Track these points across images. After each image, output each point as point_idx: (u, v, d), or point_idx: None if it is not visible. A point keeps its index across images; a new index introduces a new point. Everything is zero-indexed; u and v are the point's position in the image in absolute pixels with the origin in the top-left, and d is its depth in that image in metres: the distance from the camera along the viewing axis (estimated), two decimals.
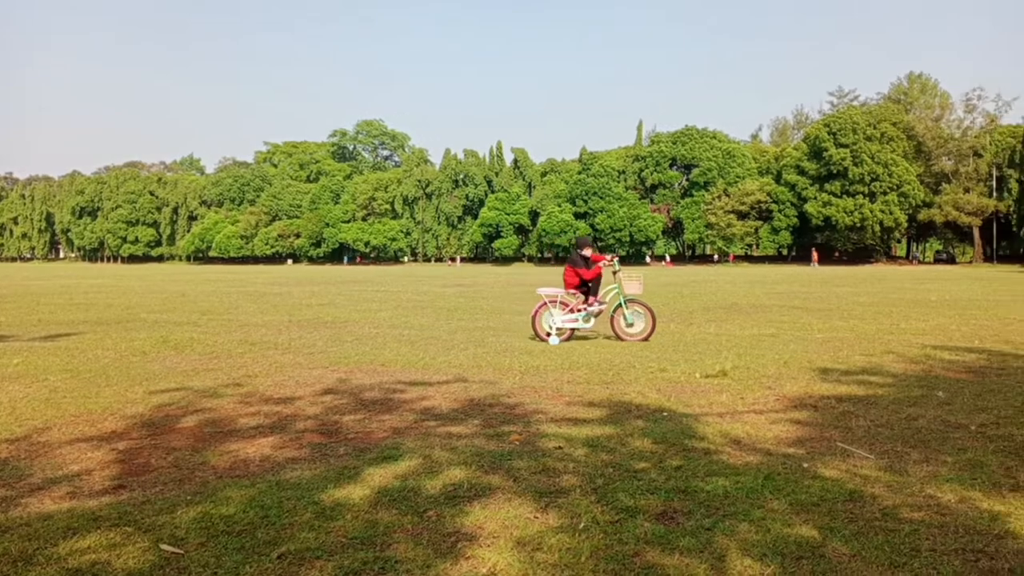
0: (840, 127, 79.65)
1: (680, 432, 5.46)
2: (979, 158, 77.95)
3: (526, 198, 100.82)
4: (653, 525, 3.60)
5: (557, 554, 3.27)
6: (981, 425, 5.63)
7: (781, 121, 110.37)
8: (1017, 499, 3.97)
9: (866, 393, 6.95)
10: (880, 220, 78.07)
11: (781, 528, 3.55)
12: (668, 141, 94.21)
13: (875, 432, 5.48)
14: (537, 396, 6.86)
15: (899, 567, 3.12)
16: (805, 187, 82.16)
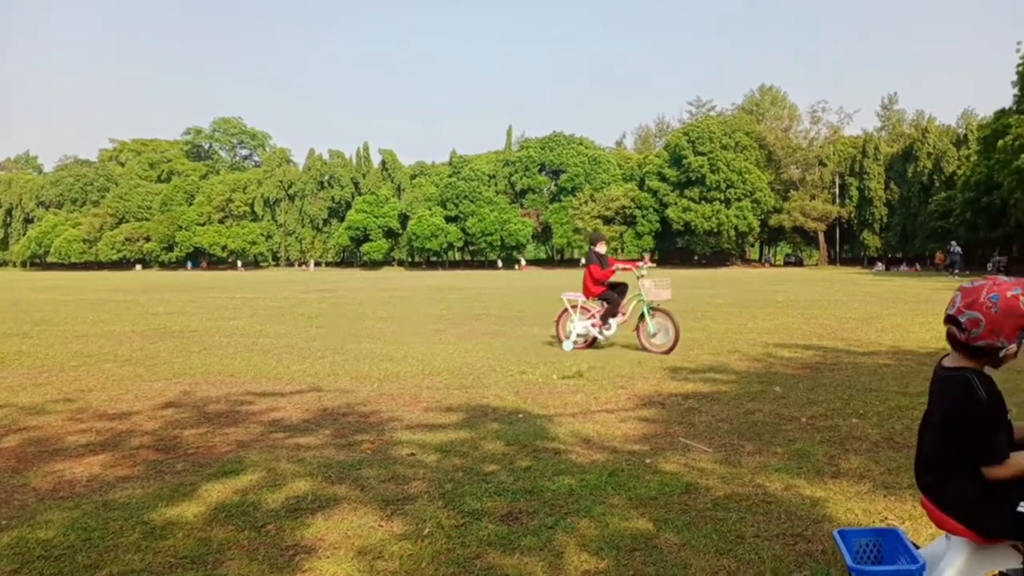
0: (698, 136, 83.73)
1: (533, 433, 5.54)
2: (823, 167, 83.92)
3: (395, 201, 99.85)
4: (497, 527, 3.63)
5: (398, 561, 3.23)
6: (811, 417, 6.02)
7: (644, 129, 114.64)
8: (837, 485, 4.26)
9: (710, 390, 7.30)
10: (735, 225, 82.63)
11: (619, 522, 3.66)
12: (537, 146, 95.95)
13: (715, 426, 5.76)
14: (394, 403, 6.78)
15: (724, 554, 3.28)
16: (666, 193, 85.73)
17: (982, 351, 2.39)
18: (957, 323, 2.39)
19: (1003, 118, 47.73)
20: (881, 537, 2.79)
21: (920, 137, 75.21)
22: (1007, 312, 2.32)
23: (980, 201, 49.23)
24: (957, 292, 2.44)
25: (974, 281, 2.45)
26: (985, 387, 2.35)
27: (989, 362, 2.45)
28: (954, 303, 2.41)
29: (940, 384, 2.49)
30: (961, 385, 2.38)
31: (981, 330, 2.34)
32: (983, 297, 2.35)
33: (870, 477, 4.38)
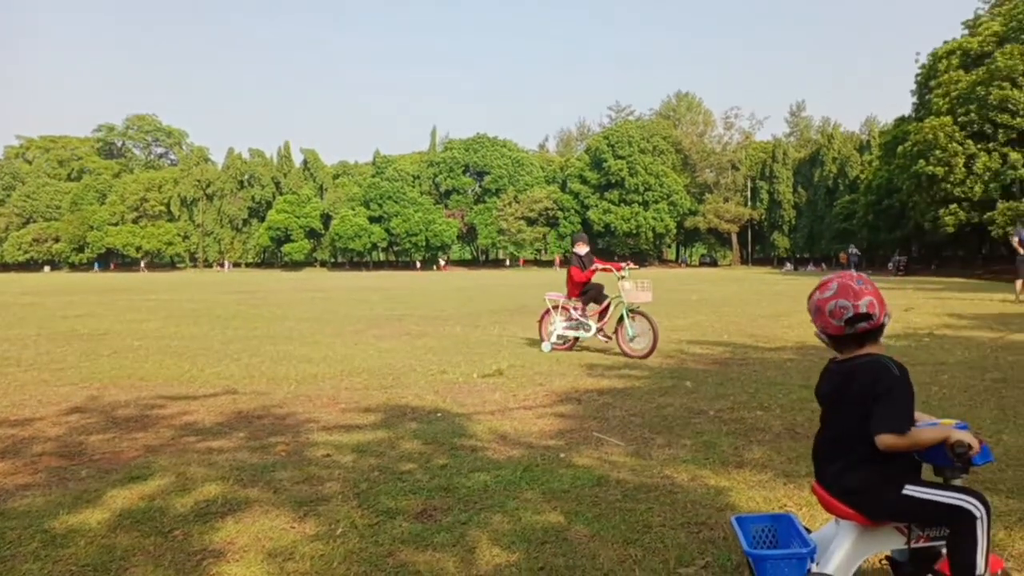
0: (618, 140, 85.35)
1: (451, 432, 5.57)
2: (736, 171, 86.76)
3: (317, 201, 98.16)
4: (411, 524, 3.65)
5: (309, 562, 3.22)
6: (719, 410, 6.25)
7: (566, 132, 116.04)
8: (741, 475, 4.45)
9: (625, 386, 7.48)
10: (653, 227, 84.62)
11: (531, 516, 3.73)
12: (461, 148, 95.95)
13: (628, 421, 5.91)
14: (311, 405, 6.70)
15: (632, 543, 3.39)
16: (588, 195, 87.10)
17: (881, 330, 2.59)
18: (865, 317, 2.54)
19: (902, 125, 50.30)
20: (776, 523, 2.94)
21: (826, 143, 78.61)
22: (872, 284, 2.59)
23: (881, 204, 51.75)
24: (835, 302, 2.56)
25: (824, 288, 2.62)
26: (897, 366, 2.52)
27: (881, 340, 2.64)
28: (844, 312, 2.55)
29: (851, 373, 2.60)
30: (877, 364, 2.52)
31: (878, 309, 2.54)
32: (857, 286, 2.56)
33: (772, 466, 4.59)
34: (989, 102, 38.57)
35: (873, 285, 2.60)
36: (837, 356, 2.71)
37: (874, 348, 2.62)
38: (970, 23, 48.20)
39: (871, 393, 2.49)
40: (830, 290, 2.61)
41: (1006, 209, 37.75)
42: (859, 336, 2.59)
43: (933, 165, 40.80)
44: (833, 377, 2.69)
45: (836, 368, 2.69)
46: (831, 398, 2.68)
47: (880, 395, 2.47)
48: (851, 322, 2.55)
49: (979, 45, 43.06)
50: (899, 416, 2.45)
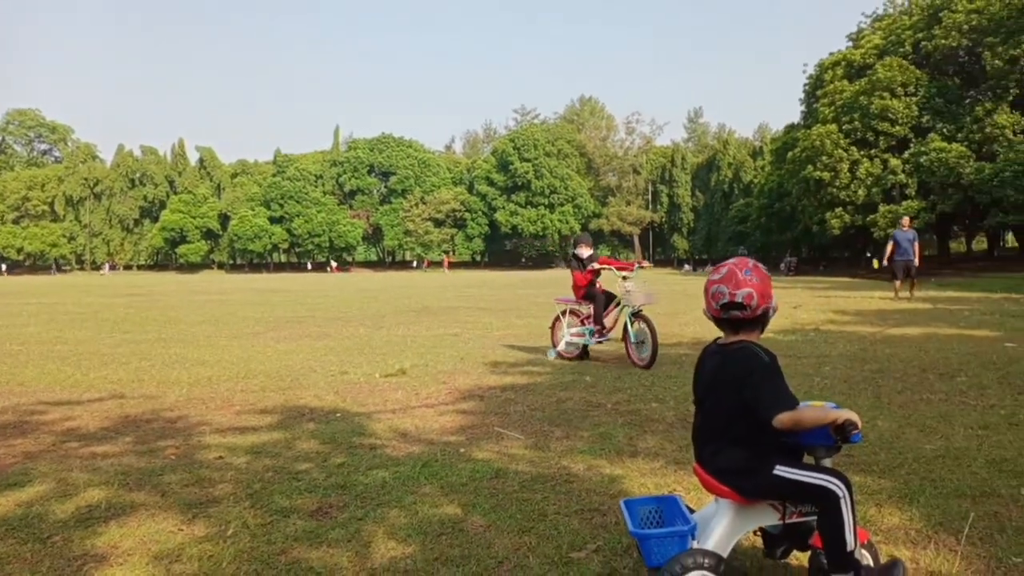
0: (523, 143, 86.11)
1: (350, 431, 5.51)
2: (638, 174, 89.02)
3: (215, 200, 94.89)
4: (305, 522, 3.60)
5: (197, 563, 3.13)
6: (616, 403, 6.41)
7: (472, 134, 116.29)
8: (634, 463, 4.58)
9: (527, 382, 7.57)
10: (559, 229, 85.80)
11: (429, 510, 3.75)
12: (366, 147, 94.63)
13: (529, 415, 6.00)
14: (204, 407, 6.50)
15: (527, 532, 3.45)
16: (495, 197, 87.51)
17: (761, 319, 2.74)
18: (739, 306, 2.68)
19: (792, 132, 52.76)
20: (662, 504, 3.06)
21: (722, 148, 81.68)
22: (762, 278, 2.72)
23: (773, 207, 54.13)
24: (717, 286, 2.73)
25: (716, 271, 2.78)
26: (766, 352, 2.69)
27: (762, 329, 2.80)
28: (721, 296, 2.71)
29: (723, 357, 2.76)
30: (747, 353, 2.68)
31: (757, 299, 2.68)
32: (742, 276, 2.69)
33: (664, 454, 4.75)
34: (871, 111, 40.93)
35: (762, 278, 2.72)
36: (720, 338, 2.85)
37: (749, 336, 2.77)
38: (853, 36, 51.06)
39: (743, 378, 2.64)
40: (719, 274, 2.76)
41: (887, 212, 40.13)
42: (734, 322, 2.74)
43: (820, 170, 42.98)
44: (710, 359, 2.83)
45: (714, 350, 2.83)
46: (706, 382, 2.81)
47: (757, 384, 2.61)
48: (725, 308, 2.70)
49: (862, 57, 45.63)
50: (784, 396, 2.60)
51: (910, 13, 45.82)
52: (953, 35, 38.86)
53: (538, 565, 3.07)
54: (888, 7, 50.54)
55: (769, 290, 2.74)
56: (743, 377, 2.64)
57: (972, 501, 3.71)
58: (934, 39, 40.35)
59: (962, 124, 38.68)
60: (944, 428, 5.25)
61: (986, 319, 13.11)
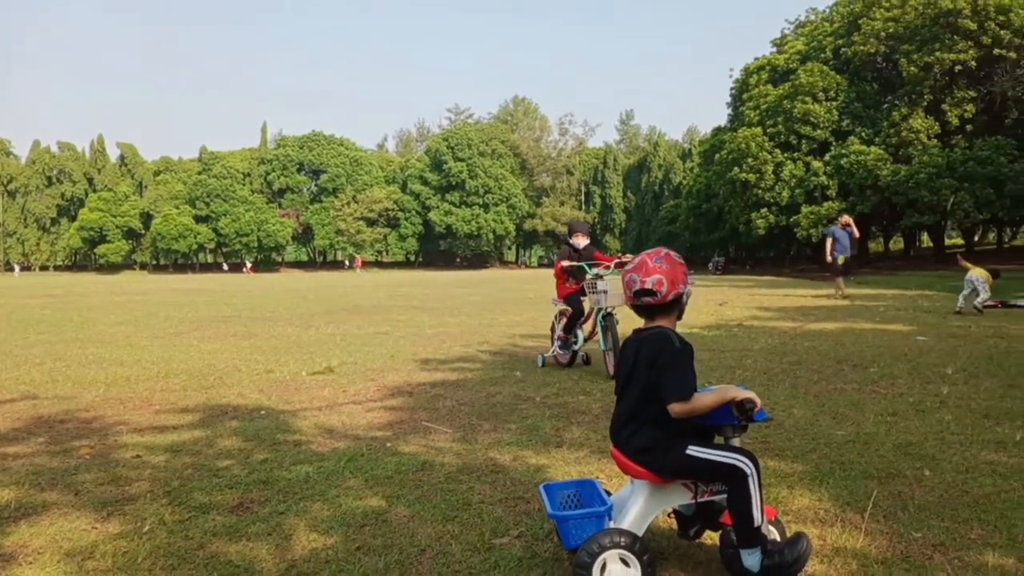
0: (457, 142, 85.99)
1: (274, 428, 5.43)
2: (571, 175, 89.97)
3: (136, 199, 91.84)
4: (225, 518, 3.54)
5: (111, 559, 3.05)
6: (544, 396, 6.48)
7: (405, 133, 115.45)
8: (560, 453, 4.64)
9: (458, 378, 7.58)
10: (493, 228, 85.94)
11: (352, 502, 3.73)
12: (295, 145, 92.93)
13: (457, 410, 6.01)
14: (122, 407, 6.30)
15: (450, 520, 3.47)
16: (429, 196, 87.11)
17: (673, 304, 2.83)
18: (649, 293, 2.77)
19: (719, 135, 54.09)
20: (581, 488, 3.12)
21: (652, 150, 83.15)
22: (672, 264, 2.81)
23: (701, 208, 55.39)
24: (630, 275, 2.84)
25: (632, 262, 2.89)
26: (679, 339, 2.77)
27: (679, 315, 2.89)
28: (633, 284, 2.81)
29: (640, 343, 2.84)
30: (660, 337, 2.77)
31: (667, 286, 2.77)
32: (652, 264, 2.78)
33: (588, 444, 4.83)
34: (794, 115, 42.31)
35: (672, 264, 2.81)
36: (638, 327, 2.94)
37: (664, 322, 2.86)
38: (777, 41, 52.67)
39: (655, 363, 2.73)
40: (633, 264, 2.85)
41: (809, 213, 41.53)
42: (648, 308, 2.83)
43: (746, 172, 44.20)
44: (630, 347, 2.91)
45: (632, 338, 2.91)
46: (627, 368, 2.88)
47: (664, 367, 2.71)
48: (637, 295, 2.79)
49: (785, 62, 47.13)
50: (684, 384, 2.69)
51: (831, 20, 47.53)
52: (871, 42, 40.46)
53: (460, 552, 3.09)
54: (810, 14, 52.33)
55: (679, 276, 2.82)
56: (653, 360, 2.73)
57: (878, 482, 3.89)
58: (853, 46, 41.94)
59: (880, 128, 40.31)
60: (855, 415, 5.47)
61: (900, 314, 13.70)
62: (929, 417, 5.34)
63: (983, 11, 36.16)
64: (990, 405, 5.68)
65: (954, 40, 36.82)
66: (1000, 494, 3.64)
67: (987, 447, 4.50)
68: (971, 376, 6.94)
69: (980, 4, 36.13)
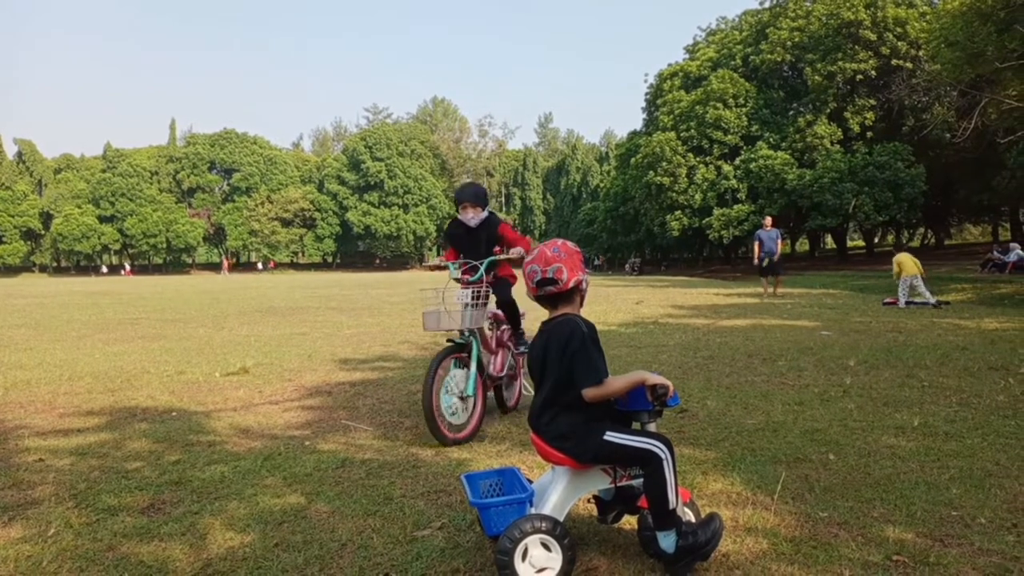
0: (376, 141, 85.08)
1: (187, 429, 5.26)
2: (491, 177, 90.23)
3: (35, 198, 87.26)
4: (136, 519, 3.42)
5: (13, 564, 2.91)
6: None
7: (322, 132, 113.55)
8: (481, 447, 4.67)
9: (378, 376, 7.51)
10: (414, 229, 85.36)
11: (270, 500, 3.66)
12: (206, 143, 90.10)
13: (379, 408, 5.96)
14: (22, 411, 5.99)
15: (372, 514, 3.44)
16: (346, 197, 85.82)
17: (574, 292, 2.90)
18: (551, 282, 2.83)
19: (635, 139, 55.29)
20: (502, 476, 3.15)
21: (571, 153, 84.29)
22: (570, 253, 2.89)
23: (618, 211, 56.46)
24: (530, 266, 2.91)
25: (531, 254, 2.96)
26: (585, 324, 2.84)
27: (581, 302, 2.97)
28: (535, 275, 2.88)
29: (548, 333, 2.90)
30: (568, 324, 2.84)
31: (567, 273, 2.84)
32: (551, 254, 2.88)
33: (510, 438, 4.87)
34: (706, 120, 43.62)
35: (569, 253, 2.89)
36: (545, 320, 2.99)
37: (568, 309, 2.93)
38: (690, 48, 54.17)
39: (566, 349, 2.78)
40: (531, 255, 2.91)
41: (721, 215, 42.87)
42: (552, 297, 2.90)
43: (660, 175, 45.28)
44: (539, 338, 2.97)
45: (541, 329, 2.97)
46: (539, 359, 2.93)
47: (575, 352, 2.77)
48: (540, 284, 2.85)
49: (697, 69, 48.51)
50: (595, 369, 2.76)
51: (740, 28, 49.23)
52: (778, 51, 42.10)
53: (382, 545, 3.08)
54: (721, 23, 54.04)
55: (577, 264, 2.91)
56: (563, 348, 2.79)
57: (786, 466, 4.06)
58: (761, 54, 43.57)
59: (786, 134, 41.96)
60: (765, 405, 5.69)
61: (806, 311, 14.30)
62: (833, 406, 5.60)
63: (882, 23, 38.15)
64: (889, 394, 6.00)
65: (855, 50, 38.69)
66: (900, 475, 3.85)
67: (887, 432, 4.76)
68: (872, 368, 7.31)
69: (879, 16, 38.10)
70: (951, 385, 6.32)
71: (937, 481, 3.75)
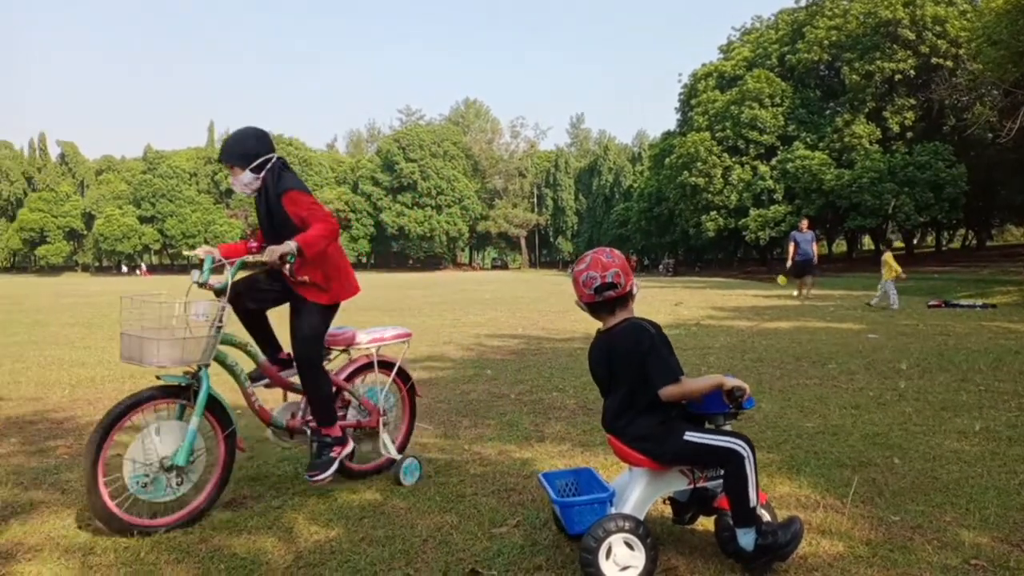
0: (409, 143, 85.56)
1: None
2: (523, 178, 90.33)
3: (78, 199, 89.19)
4: (221, 513, 3.55)
5: (114, 555, 3.05)
6: (519, 394, 6.58)
7: (356, 133, 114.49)
8: (543, 447, 4.74)
9: (429, 376, 7.63)
10: (447, 230, 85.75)
11: (347, 496, 3.77)
12: None
13: (435, 407, 6.08)
14: (92, 408, 6.20)
15: (447, 511, 3.54)
16: (380, 197, 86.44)
17: (629, 296, 2.97)
18: (611, 286, 2.89)
19: (669, 139, 54.97)
20: (578, 476, 3.23)
21: (603, 154, 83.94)
22: (620, 258, 2.97)
23: (652, 211, 56.17)
24: (586, 274, 2.92)
25: (581, 262, 2.99)
26: (651, 324, 2.90)
27: (631, 306, 3.02)
28: (592, 282, 2.90)
29: (612, 338, 2.95)
30: (635, 327, 2.90)
31: (624, 278, 2.91)
32: (605, 259, 2.93)
33: (570, 438, 4.94)
34: (741, 120, 43.26)
35: (620, 258, 2.97)
36: (601, 327, 3.05)
37: (625, 313, 2.99)
38: (724, 48, 53.76)
39: (636, 352, 2.85)
40: (584, 263, 2.97)
41: (757, 216, 42.50)
42: (609, 303, 2.96)
43: (695, 176, 45.02)
44: (601, 347, 3.02)
45: (604, 337, 3.02)
46: (604, 367, 3.00)
47: (646, 353, 2.83)
48: (599, 290, 2.91)
49: (732, 68, 48.14)
50: (669, 368, 2.83)
51: (776, 28, 48.74)
52: (815, 50, 41.64)
53: (462, 541, 3.17)
54: (756, 22, 53.57)
55: (628, 269, 2.98)
56: (634, 351, 2.85)
57: (852, 470, 4.08)
58: (797, 53, 43.12)
59: (824, 134, 41.49)
60: (821, 408, 5.70)
61: (849, 313, 14.17)
62: (891, 409, 5.59)
63: (921, 22, 37.57)
64: (946, 398, 5.96)
65: (894, 49, 38.15)
66: (968, 480, 3.86)
67: (949, 437, 4.75)
68: (924, 371, 7.26)
69: (918, 15, 37.52)
70: (1008, 389, 6.27)
71: (1007, 486, 3.75)
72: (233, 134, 3.87)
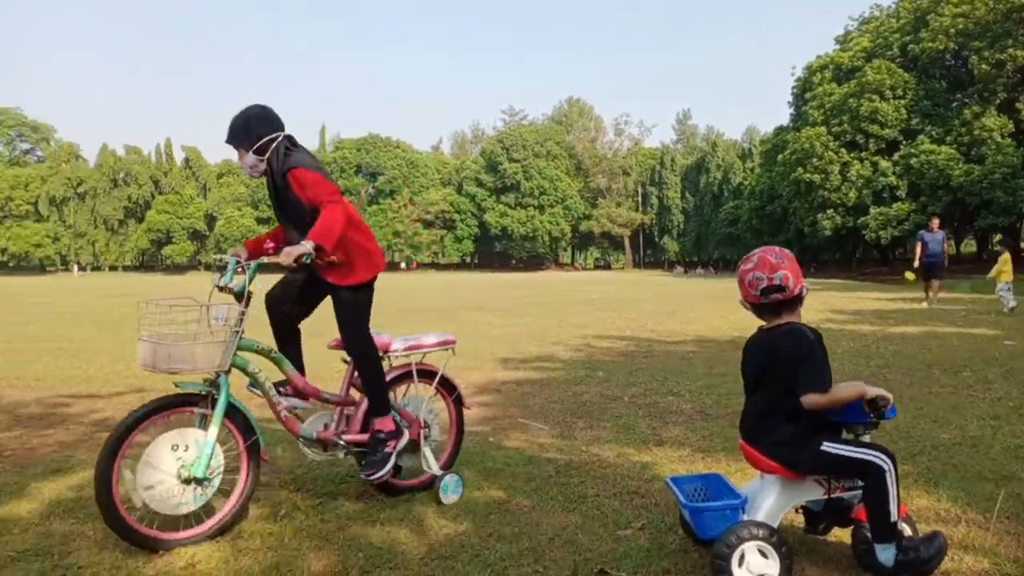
0: (512, 143, 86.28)
1: None
2: (627, 176, 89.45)
3: (200, 201, 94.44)
4: (354, 504, 3.71)
5: (260, 539, 3.24)
6: (632, 396, 6.55)
7: (460, 134, 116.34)
8: (661, 451, 4.71)
9: (541, 377, 7.70)
10: (549, 230, 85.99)
11: (472, 492, 3.86)
12: (353, 148, 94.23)
13: (549, 407, 6.12)
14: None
15: (571, 511, 3.58)
16: (484, 198, 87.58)
17: (798, 300, 2.87)
18: (778, 289, 2.81)
19: (781, 134, 53.21)
20: (706, 482, 3.19)
21: (711, 150, 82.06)
22: (791, 259, 2.87)
23: (764, 210, 54.51)
24: (753, 274, 2.86)
25: (747, 261, 2.92)
26: (812, 332, 2.83)
27: (799, 310, 2.94)
28: (758, 283, 2.84)
29: (773, 339, 2.88)
30: (796, 332, 2.82)
31: (793, 280, 2.82)
32: (774, 260, 2.83)
33: (689, 444, 4.88)
34: (860, 113, 41.42)
35: (791, 259, 2.87)
36: (764, 325, 2.98)
37: (791, 317, 2.91)
38: (841, 39, 51.57)
39: (793, 357, 2.77)
40: (751, 263, 2.89)
41: (878, 214, 40.58)
42: (775, 305, 2.87)
43: (810, 172, 43.41)
44: (760, 344, 2.96)
45: (764, 336, 2.96)
46: (759, 366, 2.93)
47: (801, 359, 2.75)
48: (765, 292, 2.83)
49: (850, 60, 46.14)
50: (820, 377, 2.75)
51: (897, 16, 46.38)
52: (940, 38, 39.38)
53: (588, 541, 3.19)
54: (875, 10, 51.12)
55: (799, 271, 2.88)
56: (793, 354, 2.78)
57: (995, 484, 3.85)
58: (921, 42, 40.89)
59: (950, 127, 39.20)
60: (957, 419, 5.41)
61: (982, 318, 13.35)
62: None
63: None
64: None
65: None
66: None
67: None
68: None
69: None
70: None
71: None
72: (237, 114, 3.70)
